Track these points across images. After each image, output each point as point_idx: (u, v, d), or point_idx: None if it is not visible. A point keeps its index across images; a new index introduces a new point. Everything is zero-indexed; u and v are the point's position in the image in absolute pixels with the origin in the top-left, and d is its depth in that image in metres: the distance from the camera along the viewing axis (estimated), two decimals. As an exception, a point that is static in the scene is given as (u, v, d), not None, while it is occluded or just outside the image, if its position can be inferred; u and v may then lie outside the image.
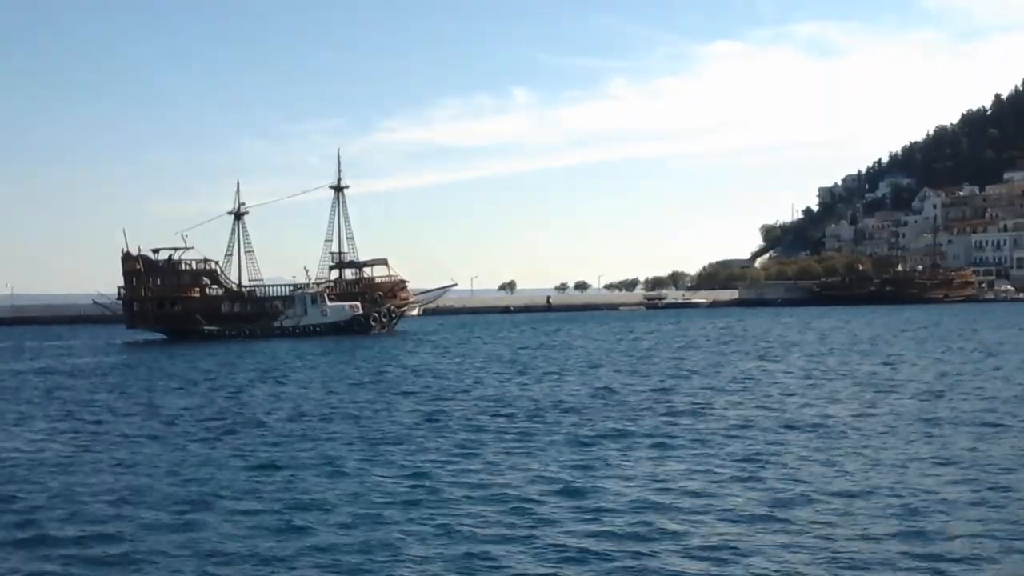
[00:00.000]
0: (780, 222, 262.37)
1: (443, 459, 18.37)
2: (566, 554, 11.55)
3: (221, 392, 33.00)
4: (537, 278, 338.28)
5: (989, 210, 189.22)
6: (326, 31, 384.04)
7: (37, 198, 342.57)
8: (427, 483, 16.04)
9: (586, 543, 11.98)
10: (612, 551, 11.60)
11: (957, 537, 11.96)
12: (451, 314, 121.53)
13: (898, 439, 19.55)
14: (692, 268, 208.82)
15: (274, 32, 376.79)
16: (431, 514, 13.78)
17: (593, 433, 21.21)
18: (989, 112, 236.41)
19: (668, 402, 26.85)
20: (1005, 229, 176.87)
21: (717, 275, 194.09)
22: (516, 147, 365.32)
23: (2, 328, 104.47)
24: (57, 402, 30.96)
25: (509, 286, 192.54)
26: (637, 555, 11.47)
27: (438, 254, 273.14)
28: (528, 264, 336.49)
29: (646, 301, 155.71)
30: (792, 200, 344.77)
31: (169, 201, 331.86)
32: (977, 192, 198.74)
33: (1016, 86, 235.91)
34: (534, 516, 13.51)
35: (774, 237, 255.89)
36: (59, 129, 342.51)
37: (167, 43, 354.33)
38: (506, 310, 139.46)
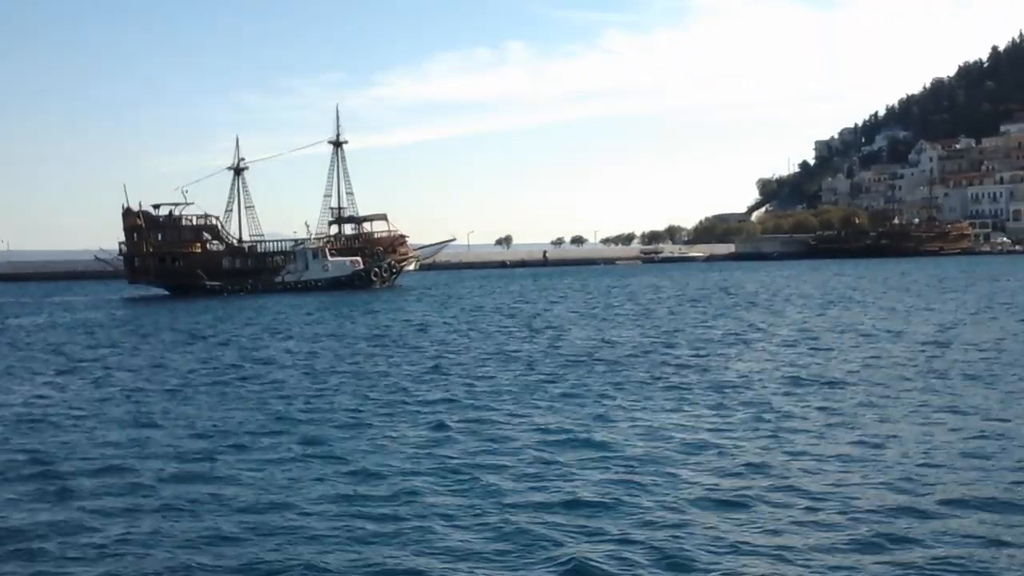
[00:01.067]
0: (776, 176, 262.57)
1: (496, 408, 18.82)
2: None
3: (249, 344, 33.59)
4: (534, 233, 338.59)
5: (986, 163, 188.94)
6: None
7: (33, 155, 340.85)
8: (448, 433, 16.52)
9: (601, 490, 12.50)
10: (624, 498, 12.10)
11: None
12: (447, 269, 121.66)
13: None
14: (689, 222, 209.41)
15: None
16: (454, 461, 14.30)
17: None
18: (986, 65, 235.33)
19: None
20: (1001, 182, 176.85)
21: (714, 229, 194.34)
22: (513, 102, 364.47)
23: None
24: (65, 356, 31.30)
25: (505, 241, 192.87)
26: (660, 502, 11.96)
27: (435, 209, 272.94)
28: (525, 219, 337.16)
29: (643, 255, 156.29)
30: (788, 154, 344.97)
31: (165, 156, 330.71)
32: (974, 145, 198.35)
33: (1013, 38, 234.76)
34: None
35: (770, 191, 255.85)
36: (55, 85, 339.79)
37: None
38: (502, 264, 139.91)
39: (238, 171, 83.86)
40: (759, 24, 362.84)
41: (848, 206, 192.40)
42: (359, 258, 77.98)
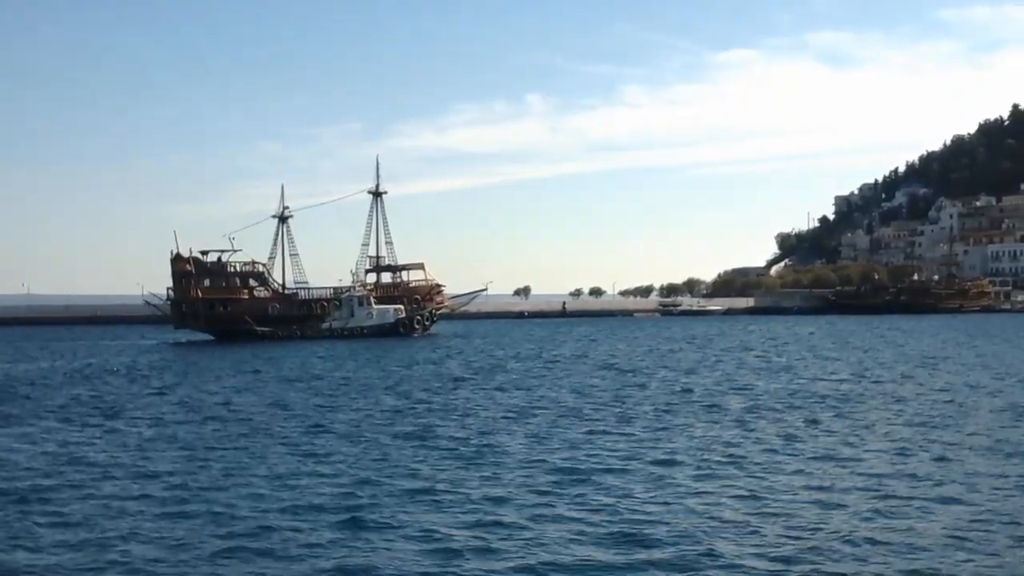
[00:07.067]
0: (796, 230, 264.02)
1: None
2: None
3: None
4: (552, 284, 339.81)
5: (1006, 220, 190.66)
6: (342, 35, 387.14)
7: (52, 198, 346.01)
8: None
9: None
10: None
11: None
12: (466, 319, 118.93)
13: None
14: (707, 275, 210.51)
15: (291, 37, 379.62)
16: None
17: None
18: (1007, 122, 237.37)
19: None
20: (1022, 240, 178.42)
21: (732, 283, 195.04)
22: (531, 153, 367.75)
23: (19, 328, 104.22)
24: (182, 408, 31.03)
25: (524, 291, 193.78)
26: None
27: (453, 259, 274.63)
28: (543, 270, 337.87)
29: (661, 308, 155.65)
30: (808, 208, 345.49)
31: (185, 203, 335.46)
32: (994, 202, 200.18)
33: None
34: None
35: (790, 245, 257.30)
36: (80, 132, 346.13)
37: (181, 44, 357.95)
38: (520, 315, 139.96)
39: (283, 219, 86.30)
40: (778, 80, 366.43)
41: (867, 262, 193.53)
42: (402, 306, 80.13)
